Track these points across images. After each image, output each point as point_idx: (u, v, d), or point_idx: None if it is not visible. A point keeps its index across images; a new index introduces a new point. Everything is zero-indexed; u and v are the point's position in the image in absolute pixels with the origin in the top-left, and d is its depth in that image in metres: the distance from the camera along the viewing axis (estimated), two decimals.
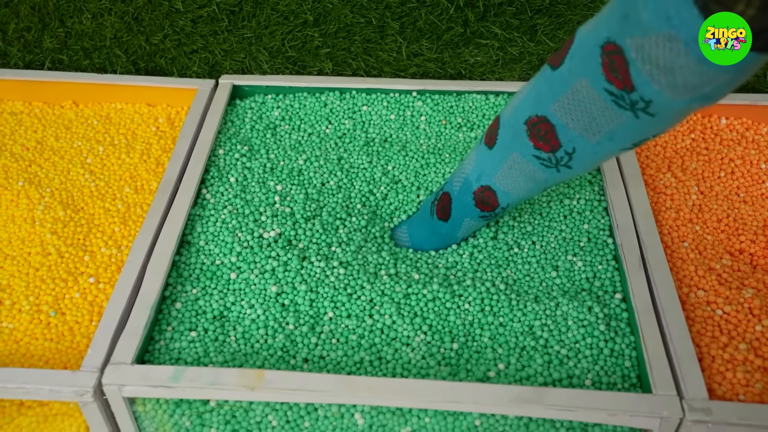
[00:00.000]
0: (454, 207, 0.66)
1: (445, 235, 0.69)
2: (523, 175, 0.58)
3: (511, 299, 0.63)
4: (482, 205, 0.63)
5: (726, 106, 0.82)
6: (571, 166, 0.54)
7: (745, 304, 0.62)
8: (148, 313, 0.60)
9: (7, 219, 0.72)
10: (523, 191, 0.60)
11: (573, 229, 0.70)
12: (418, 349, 0.60)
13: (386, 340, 0.61)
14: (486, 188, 0.62)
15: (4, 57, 0.89)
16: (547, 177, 0.56)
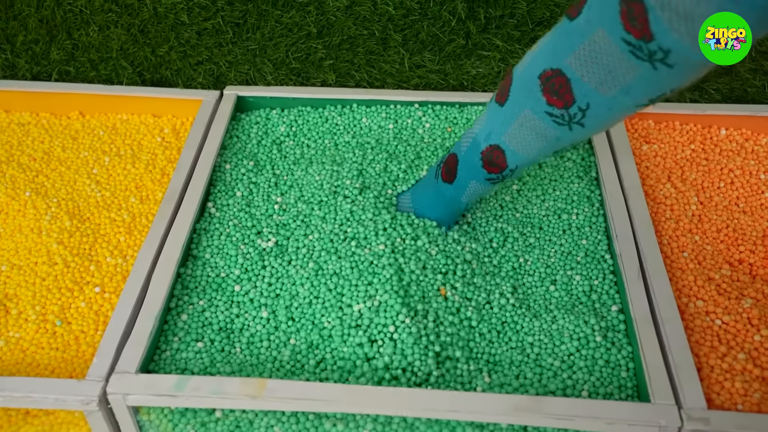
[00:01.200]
0: (461, 168, 0.64)
1: (449, 200, 0.67)
2: (534, 134, 0.56)
3: (509, 312, 0.64)
4: (490, 166, 0.61)
5: (725, 116, 0.83)
6: (584, 123, 0.52)
7: (744, 314, 0.63)
8: (152, 322, 0.61)
9: (15, 229, 0.73)
10: (533, 151, 0.58)
11: (572, 244, 0.71)
12: (420, 363, 0.61)
13: (382, 353, 0.62)
14: (495, 147, 0.60)
15: (12, 69, 0.91)
16: (558, 135, 0.55)
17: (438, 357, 0.61)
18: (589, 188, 0.75)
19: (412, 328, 0.62)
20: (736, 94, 0.85)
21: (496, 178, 0.63)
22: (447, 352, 0.61)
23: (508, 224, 0.73)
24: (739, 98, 0.85)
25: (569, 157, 0.78)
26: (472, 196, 0.66)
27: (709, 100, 0.86)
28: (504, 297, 0.66)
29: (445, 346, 0.61)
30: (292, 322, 0.63)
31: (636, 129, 0.83)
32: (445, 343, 0.62)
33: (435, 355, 0.60)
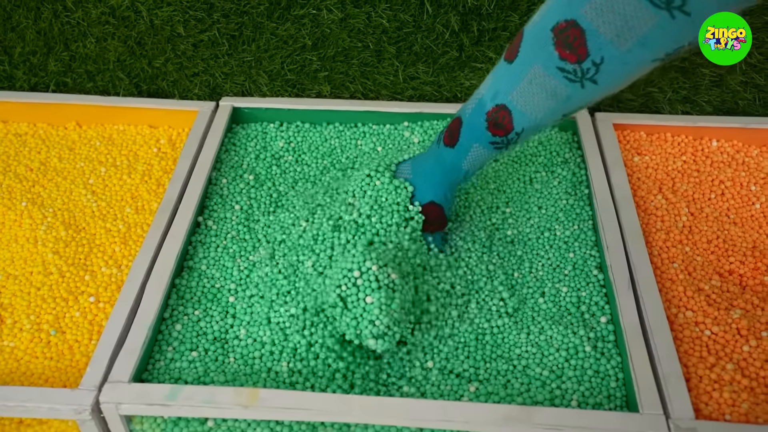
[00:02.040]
0: (464, 130, 0.62)
1: (449, 166, 0.65)
2: (544, 92, 0.54)
3: (496, 323, 0.65)
4: (495, 127, 0.59)
5: (717, 128, 0.84)
6: (596, 80, 0.51)
7: (733, 324, 0.63)
8: (146, 332, 0.61)
9: (11, 239, 0.73)
10: (541, 112, 0.56)
11: (560, 257, 0.71)
12: (410, 374, 0.61)
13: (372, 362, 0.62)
14: (501, 107, 0.57)
15: (10, 80, 0.91)
16: (569, 94, 0.53)
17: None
18: (579, 204, 0.76)
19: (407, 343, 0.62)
20: (727, 107, 0.86)
21: (501, 143, 0.60)
22: (435, 361, 0.62)
23: (497, 236, 0.74)
24: (730, 110, 0.86)
25: (560, 173, 0.79)
26: (473, 163, 0.64)
27: (701, 112, 0.87)
28: (491, 309, 0.66)
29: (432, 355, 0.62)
30: (286, 334, 0.64)
31: (628, 140, 0.84)
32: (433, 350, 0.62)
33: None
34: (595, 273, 0.69)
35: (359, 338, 0.59)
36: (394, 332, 0.59)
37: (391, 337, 0.59)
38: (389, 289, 0.59)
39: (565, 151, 0.82)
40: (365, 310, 0.58)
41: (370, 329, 0.58)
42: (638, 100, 0.87)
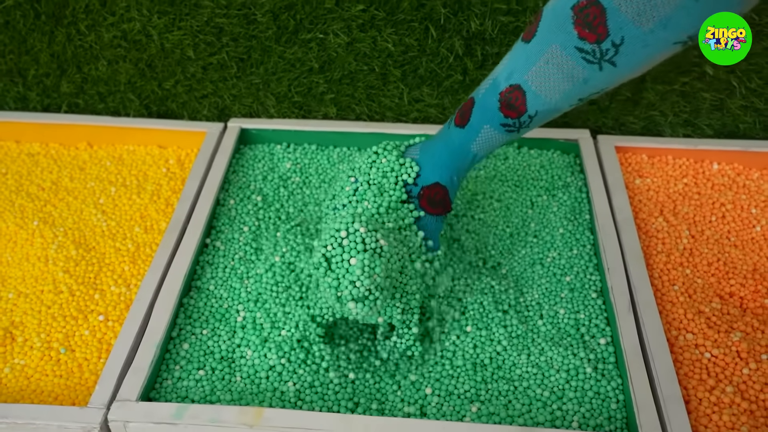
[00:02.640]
0: (476, 111, 0.60)
1: (457, 147, 0.63)
2: (560, 73, 0.53)
3: (497, 345, 0.65)
4: (507, 108, 0.57)
5: (718, 151, 0.85)
6: (615, 62, 0.49)
7: (733, 347, 0.64)
8: (154, 351, 0.62)
9: (22, 257, 0.75)
10: (556, 95, 0.54)
11: (560, 278, 0.72)
12: (414, 395, 0.62)
13: (379, 383, 0.63)
14: (515, 88, 0.56)
15: (23, 101, 0.93)
16: (586, 76, 0.52)
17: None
18: (579, 229, 0.76)
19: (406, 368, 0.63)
20: (728, 130, 0.87)
21: (512, 125, 0.58)
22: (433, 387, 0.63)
23: (496, 259, 0.75)
24: (730, 134, 0.87)
25: (560, 197, 0.80)
26: (483, 146, 0.62)
27: (702, 135, 0.88)
28: (491, 329, 0.67)
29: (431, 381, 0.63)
30: (293, 354, 0.64)
31: (630, 163, 0.85)
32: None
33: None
34: (593, 296, 0.69)
35: (340, 301, 0.58)
36: (376, 297, 0.57)
37: (372, 302, 0.57)
38: (375, 254, 0.57)
39: (566, 174, 0.83)
40: (348, 272, 0.57)
41: (350, 290, 0.56)
42: (640, 123, 0.88)
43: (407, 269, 0.63)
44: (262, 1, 0.81)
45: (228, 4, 0.81)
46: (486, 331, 0.67)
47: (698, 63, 0.81)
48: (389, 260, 0.59)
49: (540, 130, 0.87)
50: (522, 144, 0.88)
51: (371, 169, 0.66)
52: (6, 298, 0.71)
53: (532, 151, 0.87)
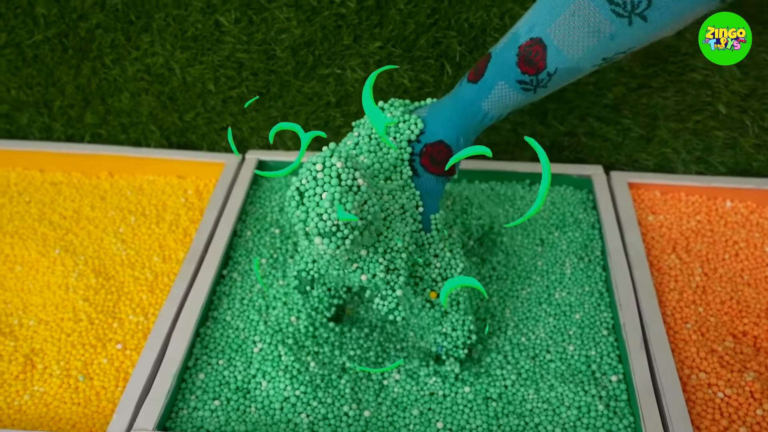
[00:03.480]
0: (491, 65, 0.56)
1: (467, 103, 0.59)
2: (586, 27, 0.49)
3: (508, 380, 0.66)
4: (525, 64, 0.54)
5: (731, 189, 0.85)
6: (646, 16, 0.46)
7: (747, 387, 0.64)
8: (171, 380, 0.63)
9: (43, 285, 0.76)
10: (579, 52, 0.51)
11: (571, 314, 0.72)
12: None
13: (389, 417, 0.64)
14: (536, 41, 0.52)
15: (48, 131, 0.96)
16: (613, 32, 0.48)
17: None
18: (590, 266, 0.77)
19: (416, 402, 0.64)
20: (741, 168, 0.88)
21: (529, 83, 0.55)
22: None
23: (508, 294, 0.75)
24: (744, 171, 0.88)
25: (572, 234, 0.81)
26: (495, 105, 0.58)
27: (715, 172, 0.88)
28: (502, 365, 0.67)
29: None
30: (307, 387, 0.65)
31: (642, 199, 0.86)
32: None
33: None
34: (605, 333, 0.70)
35: (308, 238, 0.54)
36: (345, 236, 0.53)
37: (340, 240, 0.53)
38: (350, 190, 0.53)
39: (579, 211, 0.84)
40: (318, 205, 0.52)
41: (316, 223, 0.52)
42: (653, 160, 0.89)
43: (395, 225, 0.59)
44: (282, 38, 0.83)
45: (249, 40, 0.83)
46: (495, 366, 0.67)
47: (711, 102, 0.82)
48: (367, 202, 0.55)
49: (553, 166, 0.88)
50: (534, 181, 0.89)
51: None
52: (27, 325, 0.72)
53: None
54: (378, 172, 0.61)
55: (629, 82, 0.82)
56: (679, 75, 0.80)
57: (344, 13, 0.80)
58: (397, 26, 0.80)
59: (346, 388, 0.65)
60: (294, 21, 0.81)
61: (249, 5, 0.80)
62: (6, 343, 0.70)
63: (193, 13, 0.82)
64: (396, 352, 0.69)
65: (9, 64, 0.89)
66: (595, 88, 0.83)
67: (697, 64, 0.78)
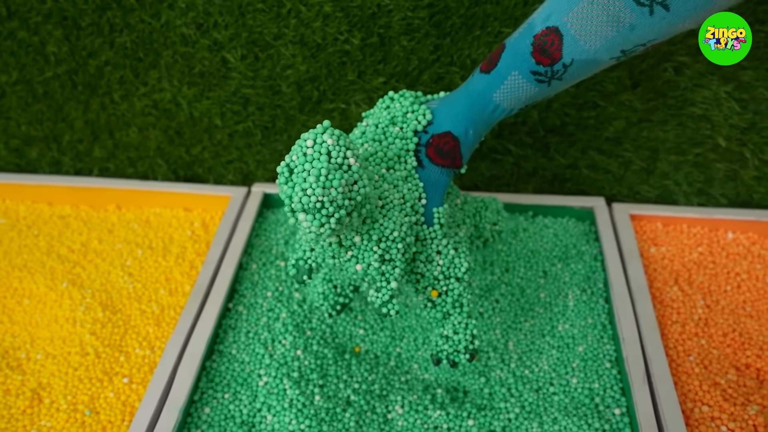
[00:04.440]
0: (505, 55, 0.55)
1: (478, 95, 0.57)
2: (605, 15, 0.47)
3: (512, 415, 0.66)
4: (540, 54, 0.52)
5: (732, 221, 0.86)
6: (669, 5, 0.43)
7: (750, 420, 0.64)
8: (176, 415, 0.64)
9: (51, 319, 0.77)
10: (596, 43, 0.49)
11: (573, 348, 0.73)
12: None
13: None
14: (552, 30, 0.50)
15: (57, 165, 0.97)
16: (634, 22, 0.46)
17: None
18: (593, 299, 0.77)
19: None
20: (741, 199, 0.88)
21: (543, 75, 0.53)
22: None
23: (510, 327, 0.76)
24: (744, 203, 0.88)
25: (574, 266, 0.81)
26: (507, 96, 0.56)
27: (716, 204, 0.89)
28: (505, 398, 0.68)
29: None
30: (313, 421, 0.66)
31: (644, 231, 0.87)
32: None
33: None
34: (607, 366, 0.70)
35: (294, 215, 0.52)
36: (330, 213, 0.51)
37: (324, 217, 0.51)
38: (339, 168, 0.51)
39: (581, 243, 0.84)
40: (305, 180, 0.50)
41: (300, 198, 0.50)
42: (654, 192, 0.90)
43: (392, 214, 0.57)
44: (287, 74, 0.84)
45: (255, 75, 0.85)
46: (498, 399, 0.67)
47: (711, 135, 0.83)
48: (357, 182, 0.53)
49: (555, 198, 0.89)
50: (537, 213, 0.90)
51: (383, 112, 0.62)
52: (35, 359, 0.73)
53: (546, 219, 0.89)
54: (381, 160, 0.60)
55: (630, 116, 0.83)
56: (678, 109, 0.81)
57: (348, 49, 0.81)
58: (400, 62, 0.82)
59: (350, 421, 0.65)
60: (299, 57, 0.82)
61: (255, 42, 0.82)
62: (13, 377, 0.71)
63: (200, 51, 0.83)
64: (400, 384, 0.69)
65: (20, 100, 0.91)
66: (597, 122, 0.85)
67: (696, 98, 0.80)
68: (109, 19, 0.82)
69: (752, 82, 0.77)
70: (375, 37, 0.80)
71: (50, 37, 0.85)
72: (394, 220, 0.57)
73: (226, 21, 0.80)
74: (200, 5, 0.79)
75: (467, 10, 0.76)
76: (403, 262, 0.58)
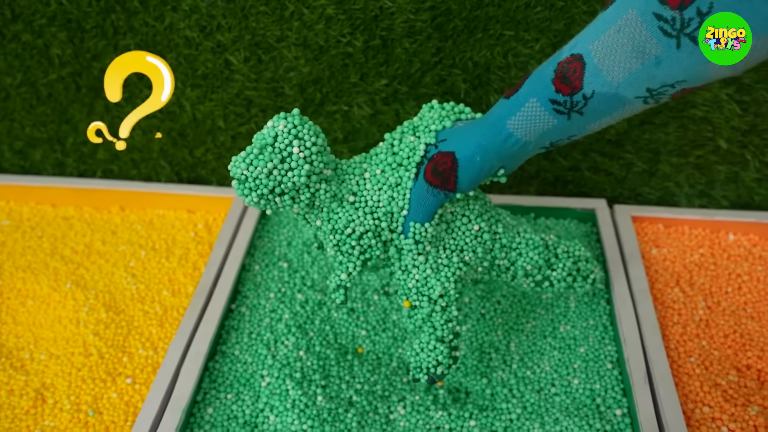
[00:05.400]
0: (528, 81, 0.52)
1: (492, 120, 0.55)
2: (630, 45, 0.44)
3: (513, 416, 0.66)
4: (561, 81, 0.49)
5: (734, 222, 0.86)
6: (697, 37, 0.41)
7: (751, 421, 0.64)
8: (179, 415, 0.64)
9: (55, 320, 0.78)
10: (620, 74, 0.46)
11: (575, 349, 0.73)
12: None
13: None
14: (576, 57, 0.48)
15: (61, 167, 0.98)
16: (660, 55, 0.43)
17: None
18: (594, 300, 0.78)
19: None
20: (742, 201, 0.89)
21: (562, 105, 0.50)
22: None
23: (511, 328, 0.76)
24: (746, 205, 0.89)
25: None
26: (522, 125, 0.53)
27: (717, 206, 0.90)
28: (506, 399, 0.68)
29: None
30: (315, 421, 0.66)
31: (646, 232, 0.87)
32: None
33: None
34: (609, 367, 0.70)
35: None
36: (251, 186, 0.57)
37: (247, 189, 0.57)
38: (275, 152, 0.56)
39: (583, 244, 0.85)
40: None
41: (232, 166, 0.57)
42: (656, 194, 0.90)
43: (353, 213, 0.59)
44: (290, 76, 0.85)
45: (258, 78, 0.86)
46: (500, 400, 0.68)
47: (712, 137, 0.83)
48: (293, 170, 0.56)
49: (557, 200, 0.89)
50: (539, 214, 0.90)
51: (416, 119, 0.63)
52: (38, 360, 0.73)
53: (548, 221, 0.90)
54: (381, 162, 0.61)
55: (631, 118, 0.83)
56: (680, 111, 0.82)
57: (351, 52, 0.82)
58: (402, 64, 0.82)
59: (352, 422, 0.66)
60: (302, 60, 0.83)
61: (258, 45, 0.82)
62: (17, 377, 0.71)
63: (203, 53, 0.84)
64: (402, 385, 0.70)
65: (24, 102, 0.92)
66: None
67: (697, 101, 0.80)
68: (113, 21, 0.83)
69: (753, 85, 0.77)
70: (377, 39, 0.80)
71: (54, 39, 0.85)
72: (348, 217, 0.60)
73: (230, 23, 0.81)
74: (203, 8, 0.80)
75: (469, 12, 0.77)
76: (360, 260, 0.61)
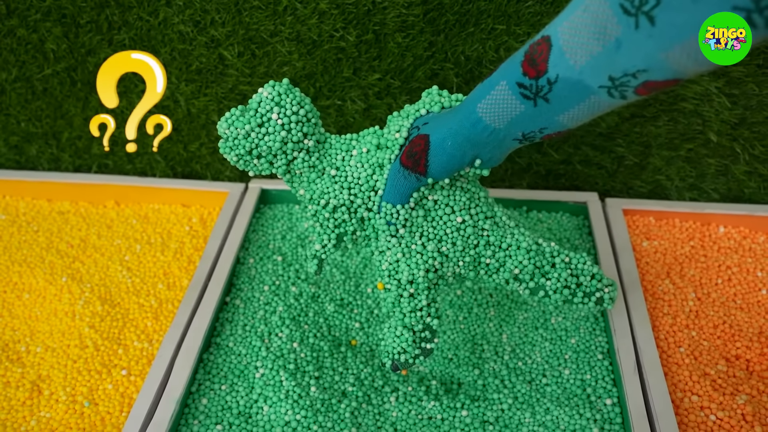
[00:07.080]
0: (502, 66, 0.51)
1: (465, 104, 0.54)
2: (593, 25, 0.43)
3: (504, 406, 0.67)
4: (529, 64, 0.48)
5: (724, 215, 0.87)
6: (654, 17, 0.40)
7: (739, 410, 0.65)
8: (174, 406, 0.65)
9: (50, 313, 0.78)
10: (582, 57, 0.44)
11: (566, 339, 0.74)
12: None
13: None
14: (545, 40, 0.47)
15: (56, 162, 0.98)
16: (620, 36, 0.42)
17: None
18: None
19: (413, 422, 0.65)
20: (733, 194, 0.89)
21: (528, 88, 0.49)
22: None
23: (503, 320, 0.77)
24: (736, 198, 0.90)
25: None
26: (490, 109, 0.51)
27: (708, 199, 0.90)
28: (498, 389, 0.69)
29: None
30: (310, 412, 0.67)
31: (637, 225, 0.88)
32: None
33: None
34: (599, 357, 0.71)
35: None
36: (230, 145, 0.60)
37: (227, 148, 0.61)
38: (257, 116, 0.60)
39: (575, 237, 0.85)
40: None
41: (219, 124, 0.61)
42: (647, 187, 0.91)
43: (330, 186, 0.62)
44: (283, 70, 0.85)
45: (251, 72, 0.86)
46: (492, 390, 0.68)
47: (702, 131, 0.84)
48: (271, 135, 0.60)
49: (549, 193, 0.90)
50: (531, 207, 0.91)
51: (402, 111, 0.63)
52: (34, 352, 0.74)
53: (540, 214, 0.90)
54: (368, 142, 0.62)
55: (622, 111, 0.84)
56: (670, 105, 0.82)
57: (344, 46, 0.82)
58: (395, 59, 0.83)
59: (345, 412, 0.66)
60: (295, 54, 0.83)
61: (252, 39, 0.83)
62: (13, 369, 0.72)
63: (197, 48, 0.84)
64: (395, 377, 0.70)
65: (19, 97, 0.92)
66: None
67: (687, 94, 0.81)
68: (108, 16, 0.83)
69: (742, 78, 0.78)
70: (370, 34, 0.81)
71: (49, 34, 0.86)
72: (323, 188, 0.62)
73: (223, 18, 0.81)
74: (197, 3, 0.80)
75: (461, 6, 0.77)
76: (335, 233, 0.63)
